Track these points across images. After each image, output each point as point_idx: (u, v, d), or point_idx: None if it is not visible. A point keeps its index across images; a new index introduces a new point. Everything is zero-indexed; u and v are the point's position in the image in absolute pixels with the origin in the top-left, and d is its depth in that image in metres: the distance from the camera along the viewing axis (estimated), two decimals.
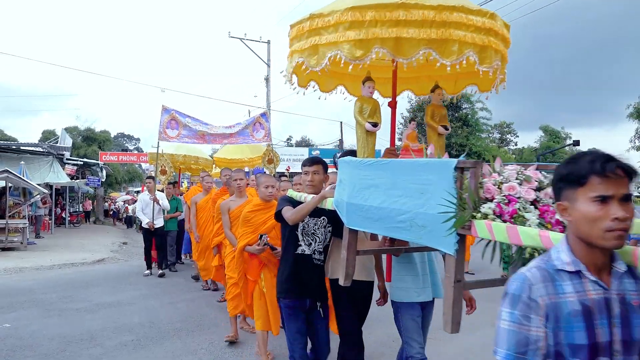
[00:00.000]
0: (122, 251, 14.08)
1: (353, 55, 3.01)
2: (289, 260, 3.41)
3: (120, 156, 30.75)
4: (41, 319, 5.93)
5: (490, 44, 3.02)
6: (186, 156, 11.23)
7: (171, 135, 9.03)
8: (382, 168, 2.45)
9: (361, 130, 3.28)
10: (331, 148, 29.58)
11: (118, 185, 37.61)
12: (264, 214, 4.17)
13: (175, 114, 9.04)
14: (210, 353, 4.72)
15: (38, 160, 17.91)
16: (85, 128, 33.24)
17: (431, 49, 2.91)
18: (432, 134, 3.68)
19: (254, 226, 4.15)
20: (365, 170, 2.57)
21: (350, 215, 2.66)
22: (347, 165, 2.78)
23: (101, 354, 4.67)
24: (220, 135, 9.61)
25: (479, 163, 1.90)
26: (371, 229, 2.58)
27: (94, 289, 7.85)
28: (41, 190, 14.31)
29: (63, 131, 26.57)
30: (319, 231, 3.42)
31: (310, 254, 3.37)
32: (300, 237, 3.38)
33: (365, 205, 2.50)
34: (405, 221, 2.20)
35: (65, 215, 23.53)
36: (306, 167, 3.36)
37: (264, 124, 9.97)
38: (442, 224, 1.94)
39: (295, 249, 3.38)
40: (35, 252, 12.63)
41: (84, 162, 24.45)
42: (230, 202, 5.24)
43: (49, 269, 10.14)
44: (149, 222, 8.93)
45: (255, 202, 4.34)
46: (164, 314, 6.20)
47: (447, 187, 1.96)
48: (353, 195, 2.63)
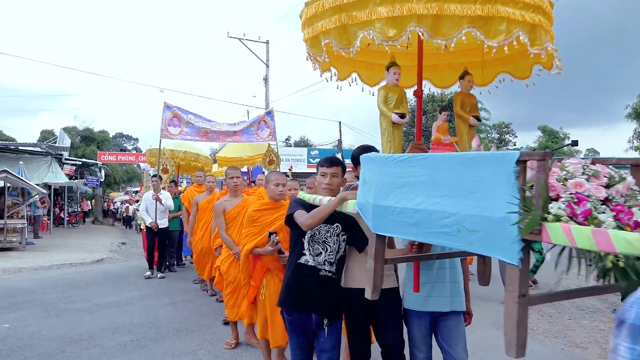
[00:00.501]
0: (121, 251, 14.08)
1: (385, 34, 2.60)
2: (291, 269, 3.07)
3: (118, 156, 30.75)
4: (40, 319, 5.92)
5: (540, 23, 2.60)
6: (187, 153, 10.98)
7: (173, 132, 8.80)
8: (419, 164, 2.10)
9: (386, 122, 2.98)
10: (330, 148, 29.60)
11: (117, 185, 37.63)
12: (271, 214, 3.87)
13: (178, 111, 8.86)
14: (210, 353, 4.71)
15: (37, 160, 17.91)
16: (83, 128, 33.22)
17: (475, 28, 2.53)
18: (463, 125, 3.34)
19: (261, 226, 3.86)
20: (397, 167, 2.21)
21: (378, 220, 2.31)
22: (372, 162, 2.42)
23: (100, 354, 4.67)
24: (224, 132, 9.32)
25: (548, 154, 1.57)
26: (405, 234, 2.24)
27: (93, 289, 7.84)
28: (40, 190, 14.29)
29: (62, 131, 26.55)
30: (331, 239, 2.99)
31: (314, 265, 2.95)
32: (306, 246, 2.98)
33: (397, 207, 2.17)
34: (451, 225, 1.89)
35: (64, 216, 23.51)
36: (324, 168, 3.00)
37: (269, 122, 9.71)
38: (501, 228, 1.65)
39: (297, 258, 3.01)
40: (33, 252, 12.62)
41: (83, 162, 24.44)
42: (225, 202, 5.02)
43: (47, 269, 10.14)
44: (152, 222, 8.72)
45: (262, 201, 4.06)
46: (164, 314, 6.20)
47: (506, 184, 1.66)
48: (381, 196, 2.28)
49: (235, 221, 4.86)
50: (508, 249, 1.65)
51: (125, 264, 11.29)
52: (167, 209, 8.97)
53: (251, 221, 3.90)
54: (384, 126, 3.02)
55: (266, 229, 3.79)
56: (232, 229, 4.87)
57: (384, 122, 3.03)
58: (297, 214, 2.89)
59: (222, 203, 5.00)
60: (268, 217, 3.87)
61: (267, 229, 3.79)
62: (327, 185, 2.97)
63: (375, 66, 3.72)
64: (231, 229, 4.87)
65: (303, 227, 2.80)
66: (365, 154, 2.53)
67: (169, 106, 8.76)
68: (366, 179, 2.45)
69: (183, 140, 9.36)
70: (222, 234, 4.87)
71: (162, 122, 8.66)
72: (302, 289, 2.97)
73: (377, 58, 3.64)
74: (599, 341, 5.30)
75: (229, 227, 4.86)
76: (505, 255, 1.66)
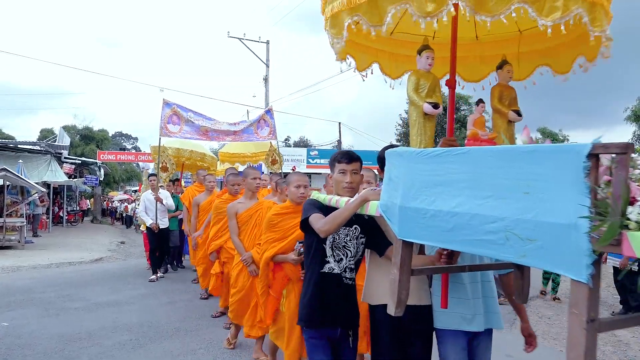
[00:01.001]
0: (120, 250, 14.08)
1: (423, 10, 2.31)
2: (312, 280, 2.74)
3: (118, 155, 30.74)
4: (39, 318, 5.92)
5: (600, 1, 2.28)
6: (193, 152, 10.67)
7: (173, 130, 8.59)
8: (459, 160, 1.79)
9: (417, 112, 2.65)
10: (329, 148, 29.60)
11: (116, 184, 37.60)
12: (293, 218, 3.55)
13: (177, 109, 8.65)
14: (209, 353, 4.72)
15: (36, 159, 17.88)
16: (83, 127, 33.23)
17: (526, 3, 2.22)
18: (501, 121, 2.97)
19: (282, 232, 3.61)
20: (431, 163, 1.91)
21: (406, 224, 2.00)
22: (400, 158, 2.09)
23: (100, 353, 4.67)
24: (224, 132, 9.14)
25: (631, 146, 1.29)
26: (438, 241, 1.90)
27: (92, 288, 7.84)
28: (39, 189, 14.28)
29: (61, 130, 26.52)
30: (351, 243, 2.72)
31: (339, 273, 2.70)
32: (329, 252, 2.70)
33: (429, 209, 1.86)
34: (498, 232, 1.58)
35: (63, 214, 23.50)
36: (342, 164, 2.65)
37: (268, 121, 9.56)
38: (566, 237, 1.37)
39: (321, 267, 2.71)
40: (32, 250, 12.61)
41: (82, 161, 24.41)
42: (238, 204, 4.74)
43: (46, 267, 10.13)
44: (152, 223, 8.42)
45: (283, 205, 3.82)
46: (163, 313, 6.20)
47: (573, 183, 1.36)
48: (411, 196, 1.96)
49: (247, 225, 4.64)
50: (574, 263, 1.35)
51: (124, 263, 11.29)
52: (167, 208, 8.75)
53: (271, 226, 3.66)
54: (414, 117, 2.68)
55: (288, 235, 3.59)
56: (243, 233, 4.64)
57: (414, 113, 2.70)
58: (312, 218, 2.56)
59: (235, 205, 4.73)
60: (289, 222, 3.61)
61: (289, 234, 3.58)
62: (348, 184, 2.63)
63: (399, 57, 3.43)
64: (242, 233, 4.64)
65: (320, 234, 2.48)
66: (392, 150, 2.19)
67: (168, 103, 8.58)
68: (392, 177, 2.12)
69: (183, 138, 9.14)
70: (234, 238, 4.64)
71: (162, 119, 8.46)
72: (328, 302, 2.70)
73: (400, 48, 3.36)
74: (597, 343, 5.30)
75: (240, 231, 4.64)
76: (570, 270, 1.37)
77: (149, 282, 8.38)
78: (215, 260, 5.70)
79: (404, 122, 32.75)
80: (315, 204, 2.73)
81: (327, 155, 24.63)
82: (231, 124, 9.35)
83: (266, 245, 3.66)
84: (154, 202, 8.42)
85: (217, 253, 5.56)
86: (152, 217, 8.46)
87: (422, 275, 2.54)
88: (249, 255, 4.39)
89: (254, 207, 4.67)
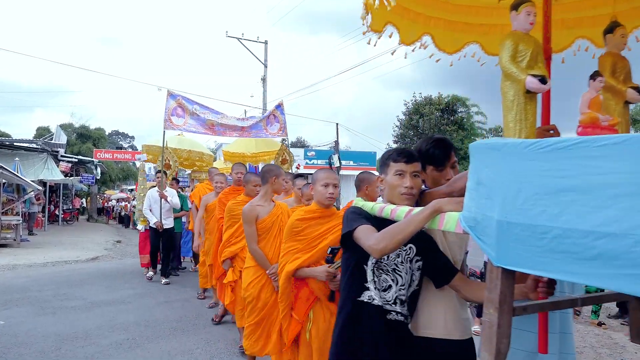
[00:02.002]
0: (116, 249, 14.04)
1: None
2: (345, 309, 2.12)
3: (115, 154, 30.63)
4: (35, 316, 5.89)
5: None
6: (191, 152, 10.05)
7: (177, 123, 8.04)
8: (608, 153, 1.20)
9: (515, 89, 1.86)
10: (327, 149, 29.60)
11: (112, 183, 37.54)
12: (320, 224, 3.03)
13: (182, 100, 8.13)
14: (207, 352, 4.71)
15: (32, 157, 17.85)
16: (80, 125, 33.17)
17: None
18: (615, 101, 2.19)
19: (307, 241, 3.03)
20: (553, 159, 1.33)
21: (509, 246, 1.44)
22: (496, 153, 1.51)
23: (96, 352, 4.65)
24: (231, 127, 8.53)
25: None
26: (570, 274, 1.29)
27: (88, 287, 7.81)
28: (35, 187, 14.24)
29: (58, 128, 26.40)
30: (403, 267, 2.05)
31: (381, 305, 2.03)
32: (370, 276, 2.05)
33: (553, 227, 1.30)
34: None
35: (59, 213, 23.43)
36: (400, 163, 2.04)
37: (279, 116, 8.93)
38: None
39: (358, 294, 2.06)
40: (28, 249, 12.56)
41: (79, 160, 24.36)
42: (257, 207, 4.00)
43: (42, 266, 10.10)
44: (156, 222, 8.07)
45: (308, 208, 3.16)
46: (160, 313, 6.19)
47: None
48: (517, 207, 1.40)
49: (270, 233, 3.95)
50: None
51: (120, 262, 11.26)
52: (172, 207, 8.35)
53: (294, 234, 3.05)
54: (511, 96, 1.88)
55: (315, 244, 3.01)
56: (264, 241, 3.94)
57: (510, 91, 1.89)
58: (361, 231, 1.95)
59: (254, 209, 3.98)
60: (316, 229, 3.04)
61: (316, 244, 3.00)
62: (407, 190, 2.01)
63: (456, 25, 2.89)
64: (263, 241, 3.94)
65: (373, 253, 1.86)
66: (482, 141, 1.60)
67: (172, 95, 8.13)
68: (482, 180, 1.55)
69: (187, 132, 8.60)
70: (253, 248, 3.92)
71: (165, 112, 7.93)
72: (363, 341, 2.06)
73: (459, 14, 2.82)
74: (594, 345, 5.33)
75: (260, 239, 3.93)
76: None
77: (147, 279, 8.28)
78: (228, 269, 4.87)
79: (402, 123, 32.83)
80: (361, 213, 2.11)
81: (324, 156, 24.67)
82: (239, 119, 8.90)
83: (288, 257, 3.07)
84: (159, 200, 8.05)
85: (230, 260, 4.83)
86: (157, 216, 8.13)
87: (522, 314, 1.67)
88: (277, 268, 3.54)
89: (275, 211, 4.01)
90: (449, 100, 31.80)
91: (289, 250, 3.08)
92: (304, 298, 3.04)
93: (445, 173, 2.18)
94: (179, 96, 8.16)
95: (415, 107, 32.04)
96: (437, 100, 31.53)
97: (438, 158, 2.18)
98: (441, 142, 2.21)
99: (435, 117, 30.39)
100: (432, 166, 2.20)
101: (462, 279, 2.02)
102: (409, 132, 32.02)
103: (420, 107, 31.58)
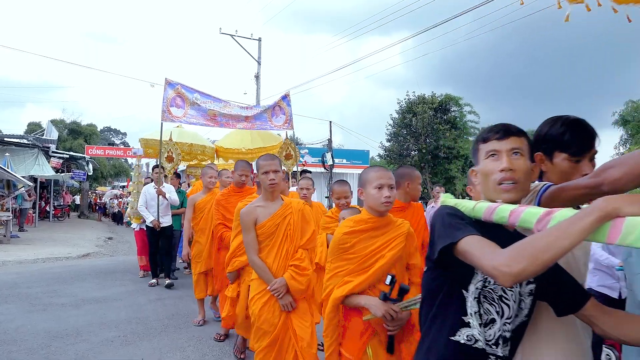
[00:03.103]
0: (108, 246, 13.96)
1: None
2: (436, 351, 1.50)
3: (106, 150, 30.37)
4: (26, 313, 5.84)
5: None
6: (192, 145, 9.13)
7: (176, 114, 7.43)
8: None
9: None
10: (320, 147, 29.58)
11: (104, 179, 37.32)
12: (374, 238, 2.42)
13: (182, 89, 7.53)
14: (198, 350, 4.69)
15: (23, 153, 17.72)
16: (71, 121, 32.94)
17: None
18: None
19: (359, 260, 2.40)
20: None
21: None
22: None
23: (87, 349, 4.62)
24: (235, 117, 7.91)
25: None
26: None
27: (79, 283, 7.76)
28: (26, 183, 14.13)
29: (49, 123, 26.23)
30: (512, 293, 1.48)
31: (483, 348, 1.45)
32: (474, 307, 1.46)
33: None
34: None
35: (50, 209, 23.26)
36: (491, 141, 1.51)
37: (285, 108, 8.25)
38: None
39: (452, 331, 1.47)
40: (18, 245, 12.46)
41: (70, 156, 24.19)
42: (257, 208, 3.26)
43: (32, 262, 10.02)
44: (153, 221, 7.47)
45: (359, 217, 2.49)
46: (151, 310, 6.15)
47: None
48: None
49: (273, 239, 3.22)
50: None
51: (111, 259, 11.19)
52: (170, 204, 7.75)
53: (341, 251, 2.44)
54: None
55: (369, 264, 2.40)
56: (266, 250, 3.23)
57: None
58: (472, 244, 1.33)
59: (253, 210, 3.24)
60: (371, 243, 2.42)
61: (371, 262, 2.40)
62: (504, 174, 1.45)
63: None
64: (265, 250, 3.23)
65: (502, 278, 1.20)
66: None
67: (171, 83, 7.52)
68: None
69: (187, 124, 7.94)
70: (253, 259, 3.22)
71: (164, 102, 7.35)
72: None
73: None
74: None
75: (262, 247, 3.23)
76: None
77: (149, 286, 7.61)
78: (234, 282, 4.22)
79: (395, 122, 32.87)
80: (463, 217, 1.48)
81: (317, 154, 24.60)
82: (243, 107, 8.26)
83: (335, 280, 2.46)
84: (156, 196, 7.47)
85: (237, 272, 4.10)
86: (154, 214, 7.57)
87: None
88: (281, 283, 3.09)
89: (280, 212, 3.23)
90: (442, 99, 31.89)
91: (337, 271, 2.46)
92: (356, 330, 2.42)
93: (582, 165, 1.67)
94: (178, 84, 7.59)
95: (408, 105, 32.09)
96: (430, 99, 31.60)
97: (575, 144, 1.66)
98: (581, 124, 1.70)
99: (429, 116, 30.46)
100: (565, 154, 1.69)
101: (598, 306, 1.44)
102: (402, 131, 32.08)
103: (413, 106, 31.63)
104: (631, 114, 26.46)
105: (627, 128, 26.72)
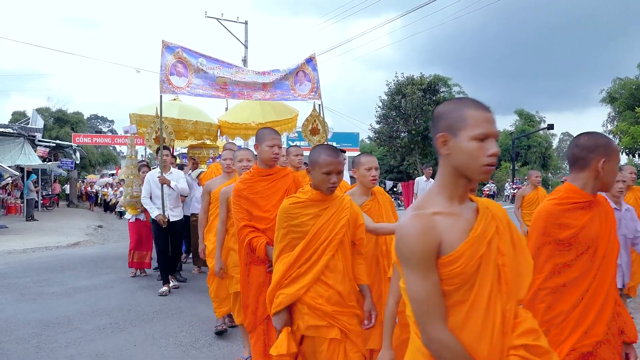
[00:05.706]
0: (98, 234, 13.88)
1: None
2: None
3: (94, 138, 30.03)
4: (16, 303, 5.80)
5: None
6: (197, 123, 7.77)
7: (178, 85, 6.14)
8: None
9: None
10: None
11: (92, 167, 36.96)
12: None
13: (183, 53, 6.18)
14: (191, 335, 4.69)
15: (8, 142, 17.48)
16: (57, 109, 32.47)
17: None
18: None
19: None
20: None
21: None
22: None
23: (79, 337, 4.60)
24: (250, 85, 6.49)
25: None
26: None
27: (69, 272, 7.71)
28: (12, 173, 13.95)
29: (34, 112, 25.82)
30: None
31: None
32: None
33: None
34: None
35: (38, 199, 23.02)
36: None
37: (310, 73, 6.78)
38: None
39: None
40: (7, 235, 12.36)
41: (57, 144, 23.89)
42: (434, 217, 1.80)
43: (22, 252, 9.94)
44: (158, 215, 6.17)
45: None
46: (143, 297, 6.13)
47: None
48: None
49: (475, 287, 1.51)
50: None
51: (102, 247, 11.12)
52: (179, 194, 6.44)
53: None
54: None
55: None
56: (459, 313, 1.46)
57: None
58: None
59: (432, 224, 1.49)
60: None
61: None
62: None
63: None
64: (457, 313, 1.48)
65: None
66: None
67: (169, 46, 6.18)
68: None
69: (192, 95, 6.42)
70: (439, 337, 1.39)
71: (162, 70, 6.07)
72: None
73: None
74: None
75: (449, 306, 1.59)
76: None
77: (159, 295, 6.12)
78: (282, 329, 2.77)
79: (384, 104, 32.79)
80: None
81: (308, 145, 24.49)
82: (259, 73, 6.66)
83: None
84: (162, 186, 6.21)
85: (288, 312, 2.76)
86: (159, 206, 6.25)
87: None
88: None
89: (479, 227, 1.54)
90: (431, 80, 31.82)
91: None
92: None
93: None
94: (178, 47, 6.21)
95: (397, 87, 31.98)
96: (419, 80, 31.51)
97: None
98: None
99: (418, 97, 30.41)
100: None
101: None
102: (391, 113, 32.01)
103: (402, 87, 31.53)
104: (618, 91, 26.57)
105: (615, 105, 26.86)
